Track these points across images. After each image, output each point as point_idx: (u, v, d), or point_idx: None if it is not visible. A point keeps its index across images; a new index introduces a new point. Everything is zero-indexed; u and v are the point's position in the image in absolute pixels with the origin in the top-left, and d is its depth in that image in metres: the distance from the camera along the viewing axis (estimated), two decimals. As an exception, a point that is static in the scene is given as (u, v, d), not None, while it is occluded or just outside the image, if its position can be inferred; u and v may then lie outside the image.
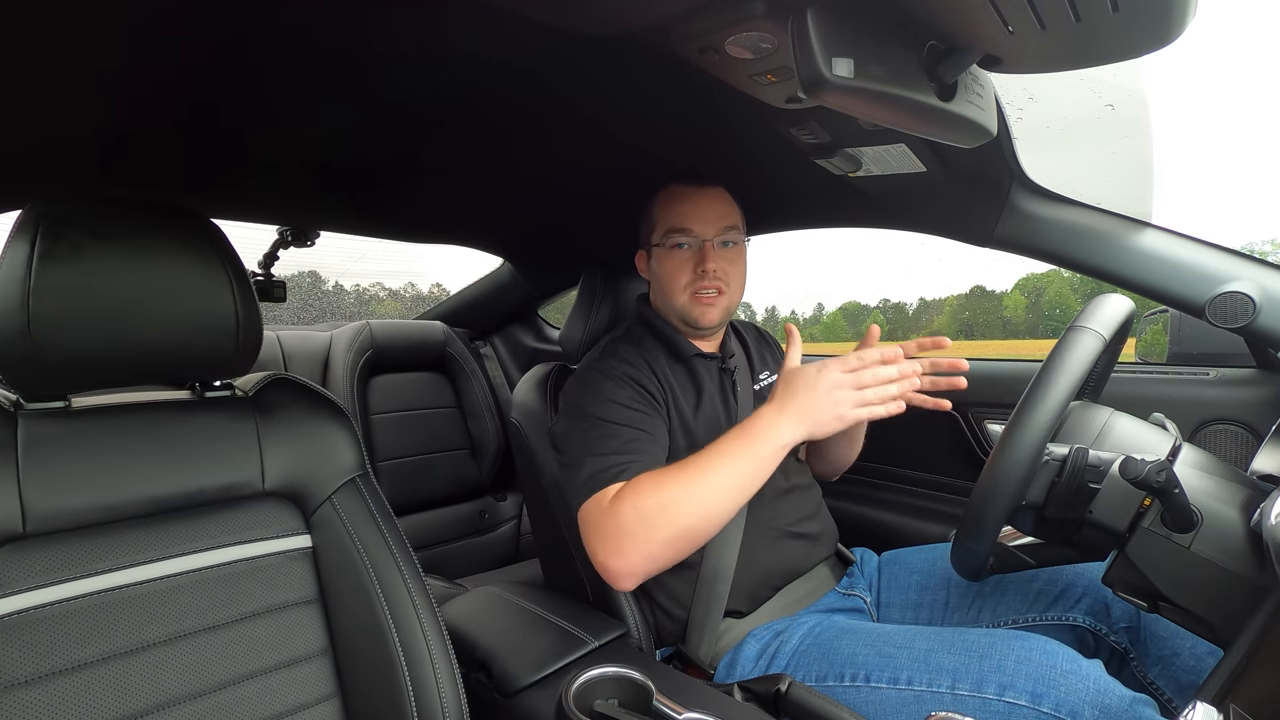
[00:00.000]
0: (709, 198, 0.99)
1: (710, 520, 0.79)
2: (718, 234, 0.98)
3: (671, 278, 0.99)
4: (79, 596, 0.57)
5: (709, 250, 0.97)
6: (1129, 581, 0.71)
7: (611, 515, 0.79)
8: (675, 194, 1.00)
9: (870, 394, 0.78)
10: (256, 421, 0.70)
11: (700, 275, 0.97)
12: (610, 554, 0.79)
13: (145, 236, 0.62)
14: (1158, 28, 0.47)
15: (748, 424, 0.81)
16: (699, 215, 0.97)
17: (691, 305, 0.98)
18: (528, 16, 0.57)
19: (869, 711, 0.74)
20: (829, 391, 0.78)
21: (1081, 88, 0.84)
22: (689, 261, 0.98)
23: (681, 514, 0.77)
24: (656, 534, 0.77)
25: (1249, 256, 0.90)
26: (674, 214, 0.98)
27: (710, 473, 0.79)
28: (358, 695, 0.67)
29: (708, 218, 0.98)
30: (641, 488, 0.79)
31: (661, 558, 0.80)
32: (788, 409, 0.79)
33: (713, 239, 0.97)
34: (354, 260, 2.01)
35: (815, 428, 0.78)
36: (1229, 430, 1.05)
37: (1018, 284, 19.75)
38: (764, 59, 0.60)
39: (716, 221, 0.98)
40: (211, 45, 0.64)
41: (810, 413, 0.78)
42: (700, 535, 0.79)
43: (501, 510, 1.90)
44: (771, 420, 0.80)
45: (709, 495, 0.78)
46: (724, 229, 0.98)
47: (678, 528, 0.77)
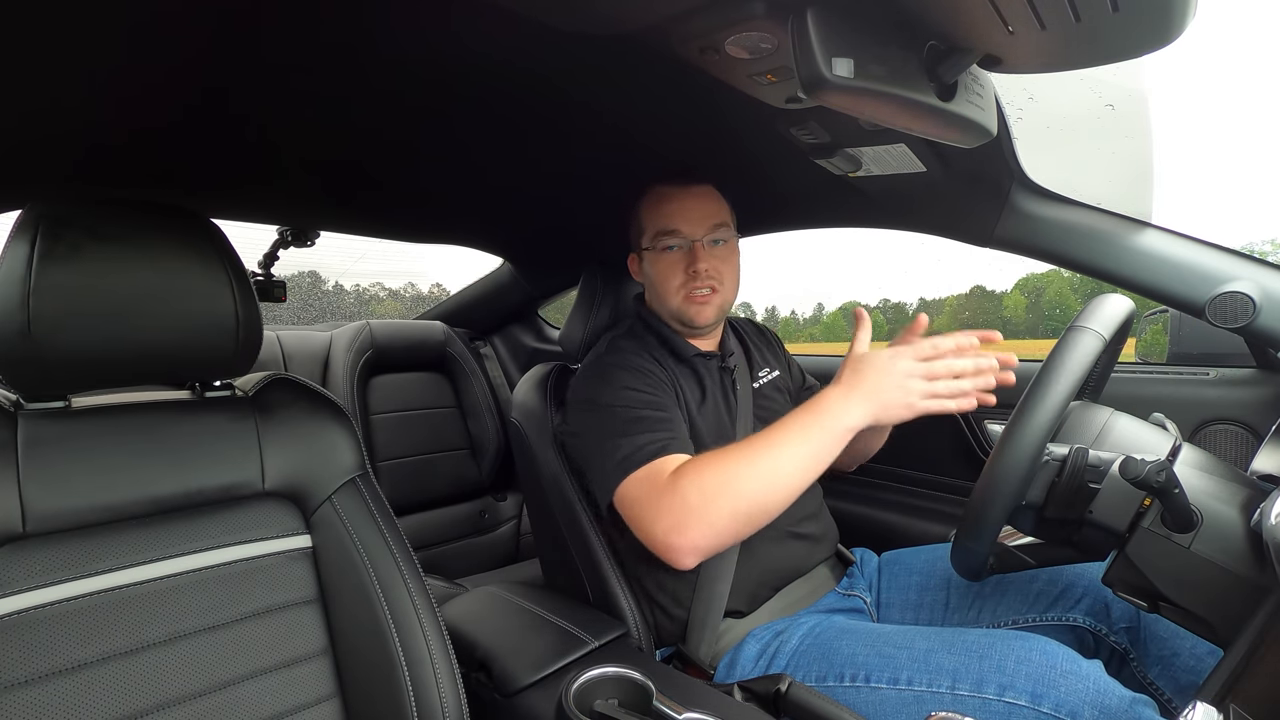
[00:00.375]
0: (695, 197, 0.99)
1: (775, 497, 0.77)
2: (707, 233, 0.97)
3: (664, 280, 0.98)
4: (79, 596, 0.57)
5: (699, 250, 0.97)
6: (1129, 581, 0.71)
7: (672, 491, 0.78)
8: (662, 195, 0.99)
9: (942, 386, 0.77)
10: (256, 421, 0.70)
11: (692, 276, 0.96)
12: (672, 530, 0.77)
13: (145, 236, 0.62)
14: (1158, 28, 0.47)
15: (814, 403, 0.79)
16: (686, 215, 0.97)
17: (686, 306, 0.98)
18: (528, 16, 0.57)
19: (869, 711, 0.74)
20: (901, 379, 0.77)
21: (1081, 88, 0.84)
22: (680, 263, 0.97)
23: (747, 489, 0.76)
24: (722, 509, 0.76)
25: (1249, 256, 0.90)
26: (662, 216, 0.98)
27: (776, 448, 0.77)
28: (358, 695, 0.67)
29: (695, 217, 0.97)
30: (703, 464, 0.79)
31: (727, 534, 0.78)
32: (856, 391, 0.78)
33: (702, 238, 0.97)
34: (354, 260, 2.01)
35: (883, 413, 0.77)
36: (1229, 430, 1.05)
37: (1018, 284, 19.75)
38: (764, 59, 0.60)
39: (705, 220, 0.98)
40: (212, 46, 0.64)
41: (879, 398, 0.77)
42: (766, 512, 0.77)
43: (501, 510, 1.90)
44: (839, 402, 0.78)
45: (775, 471, 0.76)
46: (713, 227, 0.98)
47: (744, 503, 0.76)
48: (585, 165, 1.10)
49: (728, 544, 0.80)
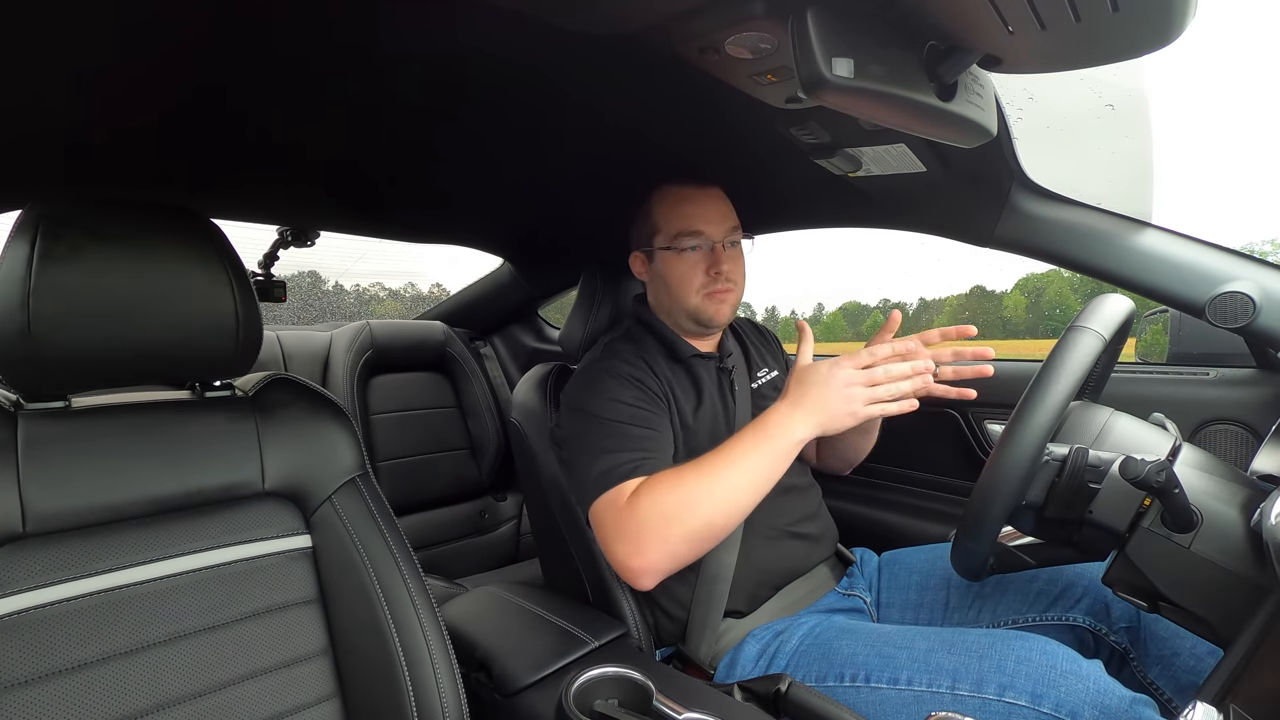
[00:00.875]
0: (713, 198, 0.99)
1: (730, 516, 0.79)
2: (726, 234, 0.98)
3: (683, 281, 0.98)
4: (79, 596, 0.57)
5: (720, 252, 0.97)
6: (1129, 581, 0.71)
7: (631, 513, 0.79)
8: (680, 196, 0.99)
9: (883, 391, 0.78)
10: (256, 421, 0.70)
11: (714, 277, 0.97)
12: (631, 553, 0.79)
13: (145, 236, 0.62)
14: (1158, 28, 0.47)
15: (761, 421, 0.81)
16: (707, 217, 0.97)
17: (706, 304, 0.98)
18: (529, 16, 0.57)
19: (869, 711, 0.74)
20: (841, 388, 0.78)
21: (1081, 88, 0.84)
22: (701, 264, 0.97)
23: (702, 510, 0.78)
24: (677, 530, 0.78)
25: (1249, 256, 0.90)
26: (682, 216, 0.98)
27: (728, 468, 0.79)
28: (358, 695, 0.67)
29: (715, 218, 0.98)
30: (660, 485, 0.80)
31: (683, 554, 0.80)
32: (800, 406, 0.80)
33: (722, 240, 0.98)
34: (354, 260, 2.01)
35: (828, 423, 0.79)
36: (1229, 430, 1.05)
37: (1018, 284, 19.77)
38: (764, 59, 0.60)
39: (723, 222, 0.99)
40: (212, 46, 0.64)
41: (823, 409, 0.79)
42: (719, 531, 0.80)
43: (501, 510, 1.90)
44: (785, 416, 0.80)
45: (728, 491, 0.78)
46: (730, 229, 0.99)
47: (698, 523, 0.78)
48: (585, 165, 1.10)
49: (685, 564, 0.82)
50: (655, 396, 0.93)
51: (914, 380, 0.79)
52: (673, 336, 1.02)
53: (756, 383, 1.08)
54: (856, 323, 23.25)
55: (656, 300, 1.05)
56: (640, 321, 1.06)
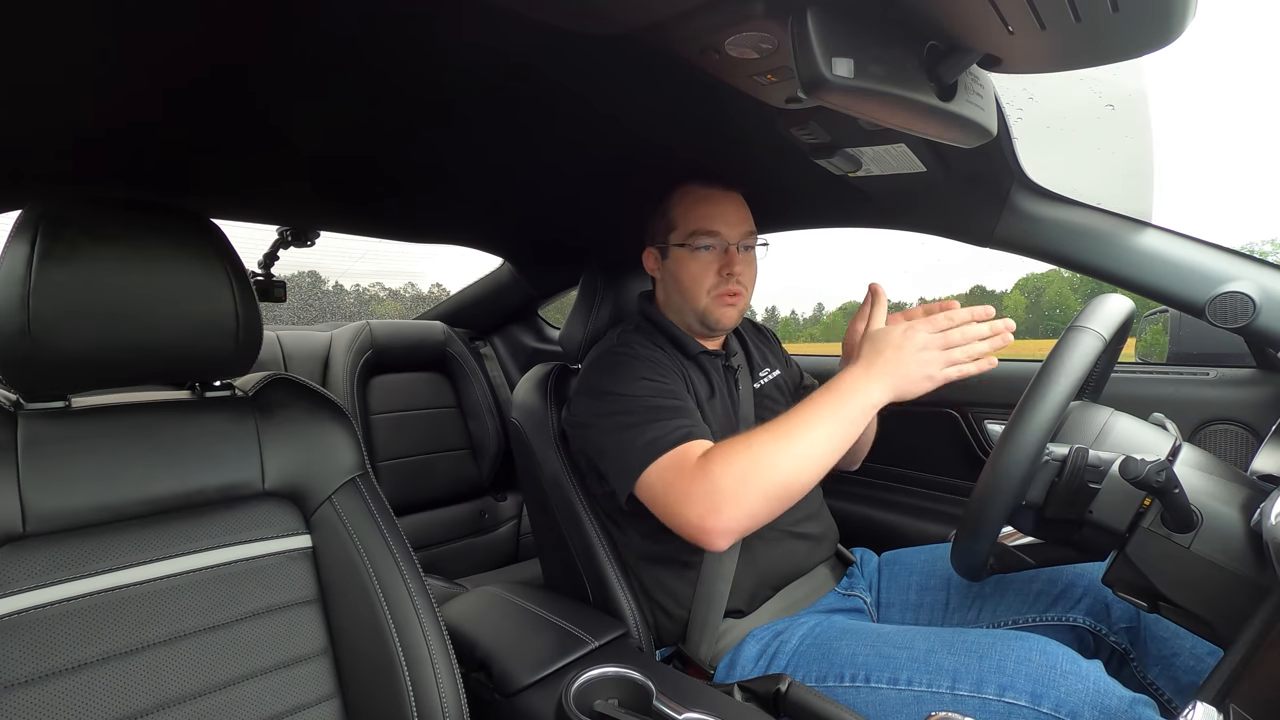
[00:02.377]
0: (733, 201, 1.00)
1: (804, 477, 0.78)
2: (741, 238, 0.99)
3: (695, 280, 0.98)
4: (79, 596, 0.57)
5: (734, 254, 0.98)
6: (1129, 581, 0.71)
7: (703, 475, 0.78)
8: (700, 195, 0.99)
9: (959, 352, 0.78)
10: (256, 421, 0.70)
11: (726, 279, 0.97)
12: (707, 514, 0.77)
13: (145, 237, 0.62)
14: (1158, 28, 0.47)
15: (835, 383, 0.80)
16: (725, 218, 0.98)
17: (714, 306, 0.98)
18: (528, 16, 0.57)
19: (869, 711, 0.74)
20: (917, 351, 0.77)
21: (1081, 88, 0.84)
22: (713, 264, 0.98)
23: (778, 470, 0.76)
24: (754, 491, 0.76)
25: (1249, 256, 0.90)
26: (699, 216, 0.98)
27: (802, 429, 0.78)
28: (358, 695, 0.67)
29: (733, 220, 0.98)
30: (732, 446, 0.79)
31: (760, 515, 0.78)
32: (874, 368, 0.79)
33: (737, 243, 0.98)
34: (354, 260, 2.01)
35: (903, 387, 0.78)
36: (1229, 430, 1.05)
37: (1018, 284, 19.79)
38: (764, 59, 0.60)
39: (740, 225, 0.99)
40: (212, 46, 0.64)
41: (898, 373, 0.78)
42: (796, 492, 0.78)
43: (501, 510, 1.90)
44: (859, 380, 0.79)
45: (803, 452, 0.77)
46: (746, 233, 0.99)
47: (775, 484, 0.77)
48: (585, 165, 1.10)
49: (760, 524, 0.80)
50: (678, 376, 0.94)
51: (991, 340, 0.78)
52: (680, 334, 1.02)
53: (759, 382, 1.08)
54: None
55: (666, 298, 1.05)
56: (648, 319, 1.06)
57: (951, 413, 1.35)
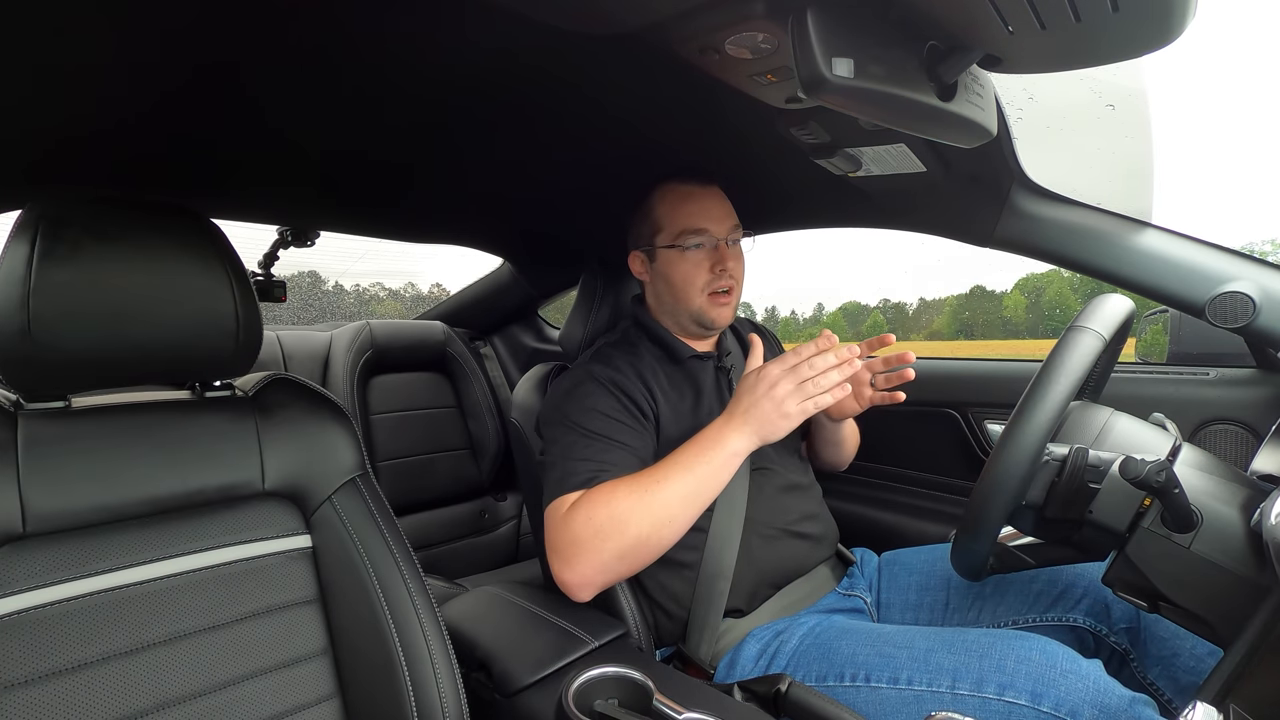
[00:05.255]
0: (715, 196, 0.99)
1: (662, 532, 0.79)
2: (729, 233, 0.98)
3: (687, 280, 0.98)
4: (79, 596, 0.57)
5: (724, 249, 0.97)
6: (1129, 581, 0.71)
7: (565, 525, 0.80)
8: (683, 194, 0.98)
9: (811, 386, 0.77)
10: (256, 421, 0.70)
11: (718, 275, 0.97)
12: (563, 565, 0.80)
13: (145, 236, 0.62)
14: (1158, 28, 0.47)
15: (699, 435, 0.82)
16: (711, 215, 0.97)
17: (709, 306, 0.98)
18: (528, 16, 0.57)
19: (869, 711, 0.74)
20: (768, 392, 0.78)
21: (1081, 88, 0.84)
22: (705, 261, 0.97)
23: (633, 525, 0.78)
24: (609, 545, 0.78)
25: (1249, 256, 0.90)
26: (686, 214, 0.97)
27: (662, 483, 0.79)
28: (358, 695, 0.67)
29: (719, 216, 0.98)
30: (596, 498, 0.80)
31: (615, 569, 0.80)
32: (734, 417, 0.80)
33: (726, 238, 0.98)
34: (354, 260, 2.01)
35: (763, 430, 0.79)
36: (1229, 430, 1.05)
37: (1018, 284, 19.78)
38: (764, 59, 0.60)
39: (727, 220, 0.98)
40: (212, 45, 0.64)
41: (755, 417, 0.79)
42: (654, 547, 0.80)
43: (501, 510, 1.90)
44: (719, 430, 0.81)
45: (661, 506, 0.78)
46: (733, 227, 0.99)
47: (630, 539, 0.78)
48: (586, 165, 1.10)
49: (619, 578, 0.82)
50: (637, 408, 0.92)
51: (842, 368, 0.78)
52: (670, 339, 1.01)
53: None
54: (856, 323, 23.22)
55: (657, 300, 1.04)
56: (637, 324, 1.06)
57: (951, 413, 1.35)
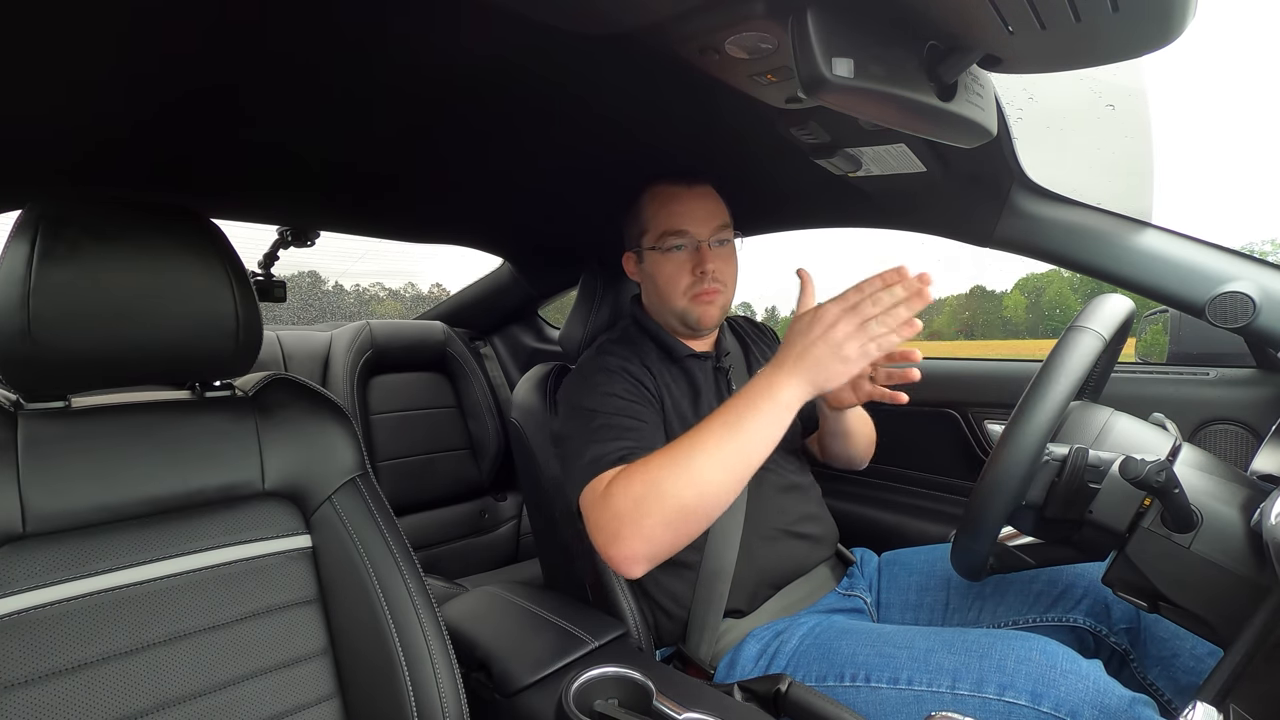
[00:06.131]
0: (700, 197, 0.99)
1: (707, 496, 0.73)
2: (713, 233, 0.97)
3: (670, 281, 0.98)
4: (79, 596, 0.57)
5: (705, 251, 0.97)
6: (1129, 581, 0.71)
7: (605, 502, 0.77)
8: (668, 195, 0.98)
9: (875, 325, 0.69)
10: (256, 421, 0.70)
11: (700, 277, 0.96)
12: (608, 541, 0.76)
13: (145, 236, 0.62)
14: (1158, 28, 0.47)
15: (744, 390, 0.75)
16: (693, 216, 0.97)
17: (693, 307, 0.98)
18: (527, 16, 0.57)
19: (869, 711, 0.74)
20: (825, 334, 0.70)
21: (1081, 88, 0.84)
22: (687, 263, 0.97)
23: (675, 492, 0.73)
24: (651, 516, 0.73)
25: (1249, 256, 0.90)
26: (668, 216, 0.97)
27: (702, 445, 0.74)
28: (358, 695, 0.67)
29: (702, 217, 0.97)
30: (633, 471, 0.77)
31: (663, 540, 0.75)
32: (785, 364, 0.72)
33: (708, 239, 0.97)
34: (354, 260, 2.01)
35: (819, 378, 0.71)
36: (1229, 430, 1.05)
37: (1018, 284, 19.78)
38: (764, 59, 0.60)
39: (710, 221, 0.98)
40: (212, 46, 0.64)
41: (810, 362, 0.71)
42: (701, 513, 0.74)
43: (501, 510, 1.90)
44: (769, 378, 0.73)
45: (704, 469, 0.73)
46: (718, 228, 0.98)
47: (671, 509, 0.73)
48: (585, 165, 1.10)
49: (670, 550, 0.76)
50: (645, 389, 0.93)
51: (910, 303, 0.69)
52: (668, 337, 1.02)
53: (757, 382, 1.07)
54: (856, 323, 22.96)
55: (649, 301, 1.05)
56: (636, 323, 1.06)
57: (951, 413, 1.35)
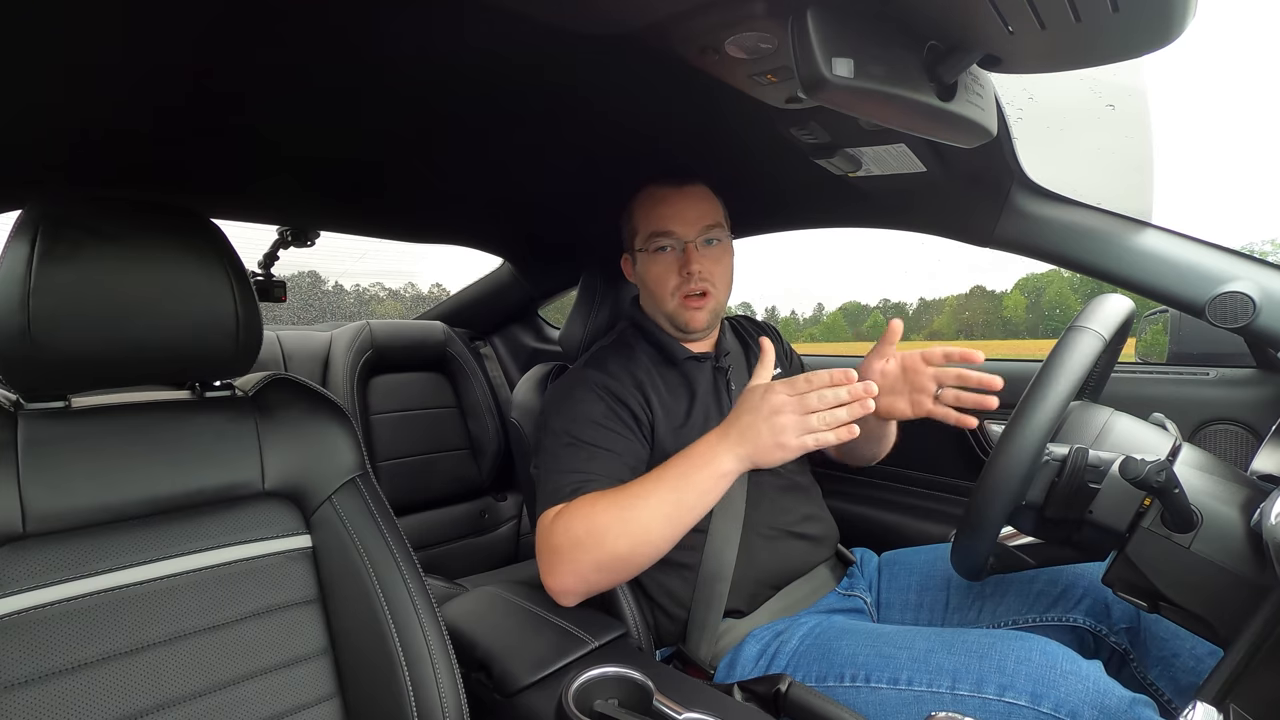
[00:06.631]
0: (689, 197, 0.98)
1: (641, 549, 0.78)
2: (699, 234, 0.97)
3: (658, 282, 0.98)
4: (79, 596, 0.57)
5: (692, 252, 0.96)
6: (1129, 581, 0.71)
7: (548, 535, 0.81)
8: (655, 196, 0.99)
9: (815, 420, 0.72)
10: (256, 421, 0.70)
11: (686, 278, 0.96)
12: (545, 571, 0.82)
13: (145, 236, 0.62)
14: (1158, 28, 0.47)
15: (690, 449, 0.79)
16: (680, 216, 0.97)
17: (681, 310, 0.98)
18: (527, 15, 0.57)
19: (869, 711, 0.74)
20: (769, 417, 0.73)
21: (1081, 88, 0.84)
22: (674, 264, 0.97)
23: (610, 540, 0.77)
24: (585, 558, 0.78)
25: (1249, 256, 0.90)
26: (655, 217, 0.97)
27: (644, 499, 0.78)
28: (358, 695, 0.67)
29: (689, 218, 0.97)
30: (578, 510, 0.80)
31: (594, 581, 0.81)
32: (729, 435, 0.77)
33: (695, 239, 0.97)
34: (354, 260, 2.01)
35: (756, 455, 0.75)
36: (1229, 430, 1.05)
37: (1018, 284, 19.80)
38: (764, 59, 0.60)
39: (698, 221, 0.97)
40: (212, 46, 0.64)
41: (750, 440, 0.75)
42: (633, 562, 0.79)
43: (501, 510, 1.90)
44: (711, 447, 0.77)
45: (640, 523, 0.77)
46: (705, 228, 0.97)
47: (605, 554, 0.78)
48: (585, 165, 1.10)
49: (605, 588, 0.82)
50: (630, 412, 0.92)
51: (851, 407, 0.72)
52: (666, 339, 1.01)
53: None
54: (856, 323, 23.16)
55: (645, 303, 1.06)
56: (634, 324, 1.06)
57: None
